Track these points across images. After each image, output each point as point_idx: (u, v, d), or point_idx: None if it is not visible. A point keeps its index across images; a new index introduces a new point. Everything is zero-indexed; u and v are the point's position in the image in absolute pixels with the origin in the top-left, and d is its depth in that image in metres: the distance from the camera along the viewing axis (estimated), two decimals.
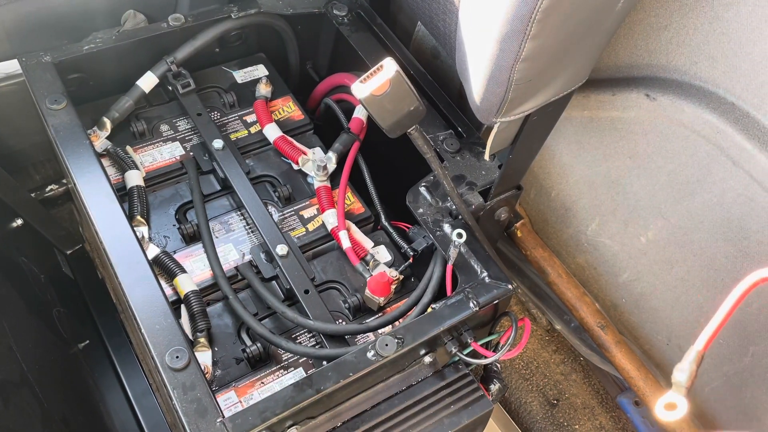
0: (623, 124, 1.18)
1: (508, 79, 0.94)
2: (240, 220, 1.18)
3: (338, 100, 1.34)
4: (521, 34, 0.86)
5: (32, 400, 1.14)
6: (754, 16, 0.93)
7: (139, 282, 0.95)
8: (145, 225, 1.13)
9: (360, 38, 1.33)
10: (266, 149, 1.28)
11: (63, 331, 1.38)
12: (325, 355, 1.00)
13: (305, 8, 1.36)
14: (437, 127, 1.20)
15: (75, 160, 1.06)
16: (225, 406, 0.97)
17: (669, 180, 1.16)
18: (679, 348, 1.30)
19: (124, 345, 1.38)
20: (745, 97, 0.99)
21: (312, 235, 1.17)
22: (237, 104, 1.32)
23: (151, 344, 0.89)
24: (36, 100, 1.12)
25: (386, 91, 0.94)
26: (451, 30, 1.10)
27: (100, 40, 1.21)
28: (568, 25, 0.88)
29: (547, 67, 0.95)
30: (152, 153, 1.22)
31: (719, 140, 1.04)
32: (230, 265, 1.11)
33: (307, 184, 1.24)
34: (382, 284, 1.06)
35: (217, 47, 1.36)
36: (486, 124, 1.10)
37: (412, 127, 1.05)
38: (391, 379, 0.96)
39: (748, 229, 1.05)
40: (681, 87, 1.07)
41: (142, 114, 1.27)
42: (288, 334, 1.07)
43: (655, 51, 1.08)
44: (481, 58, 0.96)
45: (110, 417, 1.32)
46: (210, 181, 1.22)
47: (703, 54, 1.02)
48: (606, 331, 1.41)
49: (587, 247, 1.40)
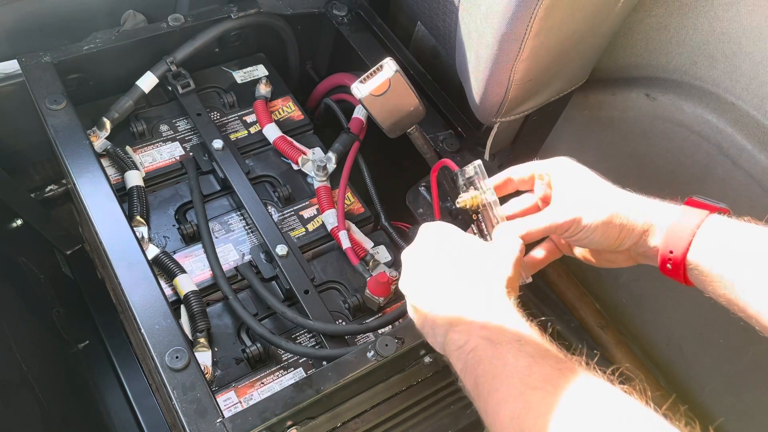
0: (623, 124, 1.18)
1: (508, 79, 0.94)
2: (240, 221, 1.18)
3: (338, 100, 1.34)
4: (521, 34, 0.86)
5: (32, 401, 1.14)
6: (754, 16, 0.93)
7: (139, 282, 0.95)
8: (145, 225, 1.12)
9: (360, 38, 1.33)
10: (266, 149, 1.28)
11: (63, 331, 1.38)
12: (325, 355, 1.00)
13: (305, 8, 1.36)
14: (437, 127, 1.20)
15: (74, 161, 1.06)
16: (225, 406, 0.97)
17: (669, 180, 1.16)
18: (680, 348, 1.30)
19: (123, 345, 1.38)
20: (745, 97, 0.99)
21: (312, 236, 1.17)
22: (237, 104, 1.32)
23: (151, 344, 0.89)
24: (35, 100, 1.12)
25: (386, 91, 0.94)
26: (451, 30, 1.10)
27: (99, 40, 1.21)
28: (568, 24, 0.88)
29: (547, 67, 0.95)
30: (152, 153, 1.22)
31: (719, 140, 1.04)
32: (230, 265, 1.11)
33: (307, 184, 1.24)
34: (382, 284, 1.06)
35: (216, 47, 1.36)
36: (486, 124, 1.10)
37: (412, 127, 1.05)
38: (391, 379, 0.96)
39: None
40: (681, 87, 1.07)
41: (141, 114, 1.27)
42: (288, 334, 1.07)
43: (655, 51, 1.08)
44: (481, 58, 0.96)
45: (110, 417, 1.31)
46: (210, 181, 1.22)
47: (703, 54, 1.02)
48: (606, 331, 1.41)
49: None
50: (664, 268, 0.73)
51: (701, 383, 1.28)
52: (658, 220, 0.73)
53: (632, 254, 0.78)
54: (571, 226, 0.75)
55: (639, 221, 0.74)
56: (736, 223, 0.70)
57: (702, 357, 1.26)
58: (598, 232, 0.74)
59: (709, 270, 0.70)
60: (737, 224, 0.70)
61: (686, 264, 0.71)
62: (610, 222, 0.73)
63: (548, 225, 0.76)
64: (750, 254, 0.68)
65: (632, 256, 0.79)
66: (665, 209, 0.74)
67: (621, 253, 0.78)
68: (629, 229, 0.74)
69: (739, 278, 0.68)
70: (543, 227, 0.76)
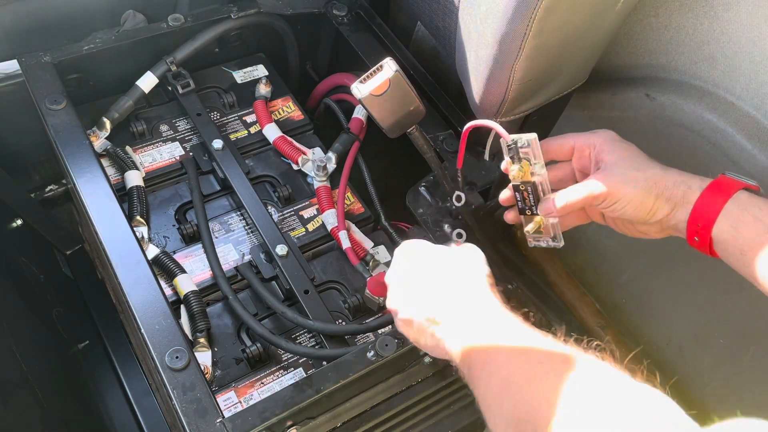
0: (623, 124, 1.18)
1: (508, 78, 0.94)
2: (240, 221, 1.18)
3: (338, 100, 1.34)
4: (521, 34, 0.86)
5: (32, 400, 1.14)
6: (754, 16, 0.93)
7: (139, 282, 0.95)
8: (145, 225, 1.12)
9: (360, 38, 1.33)
10: (266, 149, 1.28)
11: (62, 331, 1.38)
12: (325, 355, 1.00)
13: (305, 8, 1.36)
14: (437, 127, 1.20)
15: (74, 161, 1.06)
16: (225, 406, 0.97)
17: None
18: (680, 348, 1.30)
19: (123, 345, 1.38)
20: (745, 97, 0.99)
21: (312, 236, 1.17)
22: (237, 104, 1.32)
23: (151, 344, 0.89)
24: (35, 100, 1.12)
25: (386, 91, 0.94)
26: (451, 30, 1.10)
27: (99, 40, 1.21)
28: (568, 24, 0.88)
29: (547, 67, 0.95)
30: (152, 153, 1.22)
31: (719, 140, 1.04)
32: (230, 265, 1.11)
33: (307, 184, 1.24)
34: (382, 284, 1.05)
35: (216, 47, 1.36)
36: None
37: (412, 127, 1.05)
38: (391, 379, 0.96)
39: None
40: (681, 87, 1.07)
41: (141, 114, 1.27)
42: (288, 334, 1.07)
43: (655, 51, 1.08)
44: (481, 58, 0.96)
45: (110, 417, 1.31)
46: (210, 181, 1.22)
47: (703, 54, 1.02)
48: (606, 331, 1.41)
49: (587, 247, 1.40)
50: (691, 240, 0.77)
51: (701, 383, 1.28)
52: (690, 195, 0.76)
53: (664, 226, 0.81)
54: (607, 197, 0.79)
55: (672, 195, 0.77)
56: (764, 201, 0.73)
57: (702, 357, 1.26)
58: (633, 205, 0.78)
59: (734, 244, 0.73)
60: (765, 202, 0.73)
61: (711, 237, 0.74)
62: (644, 196, 0.77)
63: (586, 196, 0.80)
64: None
65: (664, 228, 0.81)
66: (698, 184, 0.77)
67: (653, 225, 0.81)
68: (662, 202, 0.77)
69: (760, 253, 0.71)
70: (581, 198, 0.80)
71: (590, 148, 0.84)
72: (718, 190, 0.75)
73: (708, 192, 0.75)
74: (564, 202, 0.82)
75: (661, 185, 0.78)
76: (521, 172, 0.85)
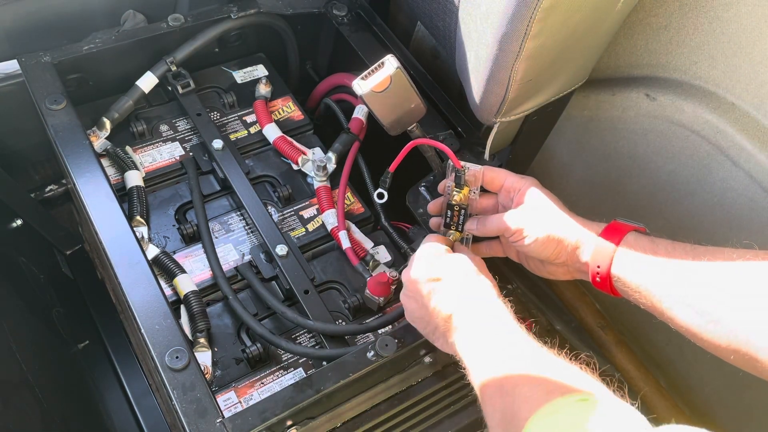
0: (623, 124, 1.18)
1: (508, 78, 0.94)
2: (240, 221, 1.18)
3: (338, 100, 1.34)
4: (521, 33, 0.86)
5: (32, 401, 1.14)
6: (754, 16, 0.93)
7: (139, 282, 0.95)
8: (145, 225, 1.12)
9: (360, 38, 1.33)
10: (266, 149, 1.28)
11: (62, 331, 1.38)
12: (325, 355, 1.00)
13: (305, 8, 1.36)
14: (437, 126, 1.20)
15: (74, 161, 1.06)
16: (225, 406, 0.97)
17: (669, 180, 1.16)
18: (679, 348, 1.30)
19: (123, 345, 1.38)
20: (745, 97, 0.99)
21: (312, 236, 1.17)
22: (237, 104, 1.32)
23: (151, 345, 0.89)
24: (35, 100, 1.12)
25: (387, 88, 0.94)
26: (451, 30, 1.10)
27: (99, 41, 1.21)
28: (568, 24, 0.88)
29: (547, 67, 0.95)
30: (152, 153, 1.22)
31: (719, 140, 1.04)
32: (230, 265, 1.11)
33: (307, 184, 1.24)
34: (382, 284, 1.06)
35: (216, 47, 1.36)
36: (486, 124, 1.10)
37: (413, 125, 1.05)
38: (391, 379, 0.96)
39: (749, 229, 1.05)
40: (681, 87, 1.07)
41: (141, 114, 1.27)
42: (288, 334, 1.07)
43: (655, 51, 1.08)
44: (481, 58, 0.96)
45: (110, 417, 1.31)
46: (210, 181, 1.22)
47: (703, 54, 1.02)
48: (606, 331, 1.41)
49: None
50: (594, 282, 0.84)
51: (701, 383, 1.28)
52: (587, 239, 0.85)
53: (569, 269, 0.89)
54: (516, 232, 0.88)
55: (572, 239, 0.85)
56: (652, 239, 0.80)
57: (702, 357, 1.25)
58: (537, 243, 0.86)
59: (630, 281, 0.80)
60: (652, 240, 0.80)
61: (611, 277, 0.82)
62: (547, 237, 0.86)
63: (499, 226, 0.90)
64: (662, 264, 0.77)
65: (570, 271, 0.90)
66: (595, 229, 0.85)
67: (559, 267, 0.90)
68: (564, 245, 0.86)
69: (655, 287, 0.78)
70: (495, 227, 0.91)
71: (515, 191, 0.92)
72: (611, 234, 0.82)
73: (603, 236, 0.82)
74: (484, 225, 0.93)
75: (565, 230, 0.85)
76: (461, 195, 0.94)
